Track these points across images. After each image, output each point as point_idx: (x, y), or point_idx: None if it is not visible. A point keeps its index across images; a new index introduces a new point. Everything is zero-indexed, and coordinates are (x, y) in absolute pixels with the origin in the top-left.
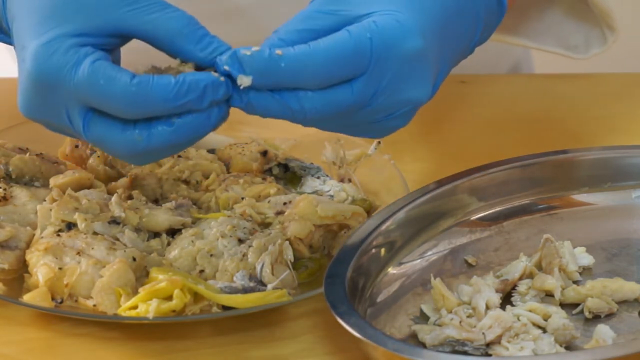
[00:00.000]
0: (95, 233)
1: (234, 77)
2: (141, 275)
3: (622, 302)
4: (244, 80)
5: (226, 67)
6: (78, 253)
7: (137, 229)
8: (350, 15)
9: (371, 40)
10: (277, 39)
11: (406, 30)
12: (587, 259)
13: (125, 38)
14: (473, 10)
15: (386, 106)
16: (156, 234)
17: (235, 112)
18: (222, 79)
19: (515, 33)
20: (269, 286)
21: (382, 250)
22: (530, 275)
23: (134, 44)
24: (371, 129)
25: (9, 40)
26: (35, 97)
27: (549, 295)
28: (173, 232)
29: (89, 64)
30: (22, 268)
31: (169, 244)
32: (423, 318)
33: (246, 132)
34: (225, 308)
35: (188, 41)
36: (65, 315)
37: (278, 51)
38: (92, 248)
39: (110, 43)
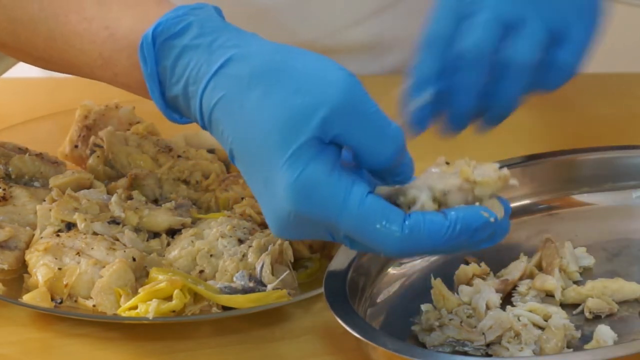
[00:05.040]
0: (95, 233)
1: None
2: (141, 276)
3: (622, 303)
4: None
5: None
6: (78, 253)
7: (137, 229)
8: None
9: None
10: None
11: None
12: (587, 259)
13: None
14: None
15: None
16: (156, 234)
17: None
18: (492, 220)
19: None
20: (269, 286)
21: None
22: (531, 276)
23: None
24: None
25: (186, 122)
26: (294, 228)
27: (549, 295)
28: (173, 232)
29: (357, 204)
30: (22, 268)
31: (168, 244)
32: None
33: None
34: (225, 308)
35: (391, 173)
36: (65, 315)
37: None
38: (92, 248)
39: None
